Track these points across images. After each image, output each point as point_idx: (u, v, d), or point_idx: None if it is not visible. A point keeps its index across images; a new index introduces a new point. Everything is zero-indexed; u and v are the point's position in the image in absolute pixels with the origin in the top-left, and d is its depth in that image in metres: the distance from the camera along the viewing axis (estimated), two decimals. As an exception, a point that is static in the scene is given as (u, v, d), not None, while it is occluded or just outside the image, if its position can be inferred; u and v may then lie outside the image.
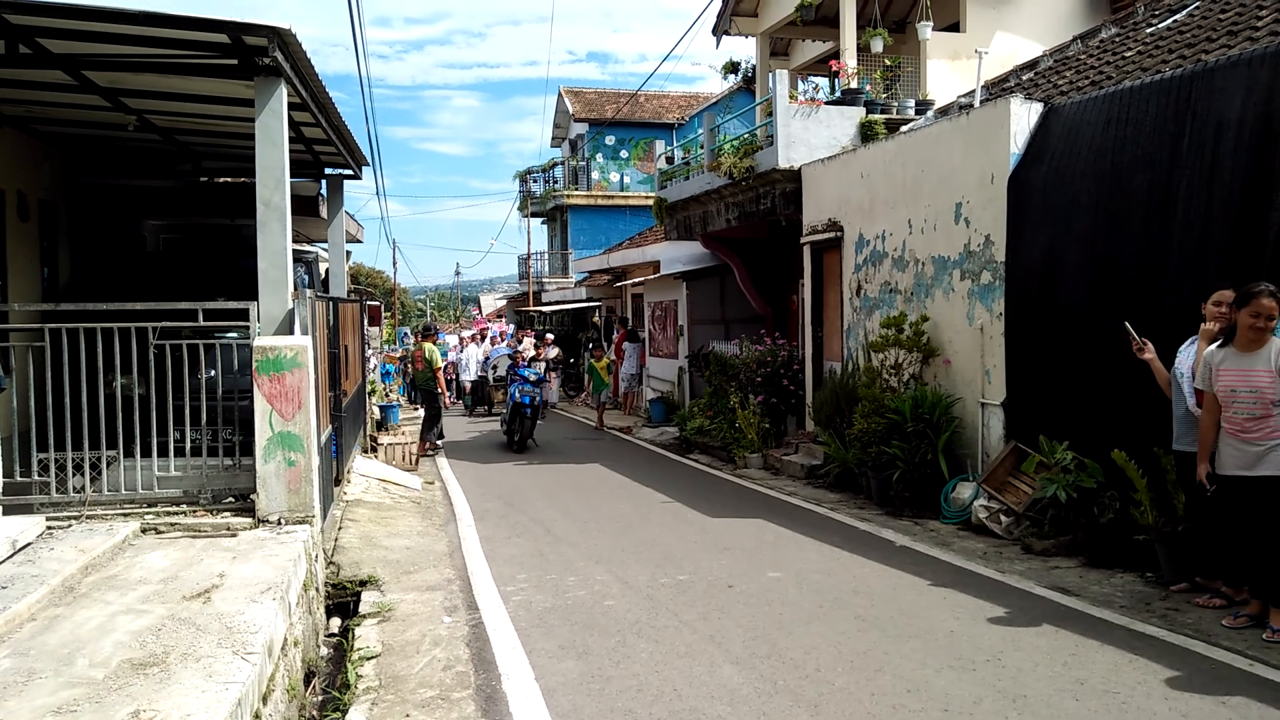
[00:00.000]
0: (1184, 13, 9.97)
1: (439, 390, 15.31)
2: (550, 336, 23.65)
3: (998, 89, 11.77)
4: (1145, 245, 7.18)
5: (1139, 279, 7.19)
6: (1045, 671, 4.98)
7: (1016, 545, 7.68)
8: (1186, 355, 6.10)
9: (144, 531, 5.92)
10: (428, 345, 15.55)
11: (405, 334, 31.53)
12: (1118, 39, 10.77)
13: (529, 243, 37.31)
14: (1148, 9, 11.20)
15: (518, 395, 14.60)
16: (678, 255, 18.65)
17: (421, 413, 20.05)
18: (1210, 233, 6.66)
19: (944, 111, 12.37)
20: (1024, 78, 11.74)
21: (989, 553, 7.55)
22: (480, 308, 45.64)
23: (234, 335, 6.53)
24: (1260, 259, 6.15)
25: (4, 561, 4.85)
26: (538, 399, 14.74)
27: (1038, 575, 6.85)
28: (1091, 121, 7.96)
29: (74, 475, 6.11)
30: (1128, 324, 6.47)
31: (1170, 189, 7.01)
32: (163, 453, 6.22)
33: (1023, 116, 8.56)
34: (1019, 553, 7.51)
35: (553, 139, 38.24)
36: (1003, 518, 8.02)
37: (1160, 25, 10.11)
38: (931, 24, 13.40)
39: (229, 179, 11.75)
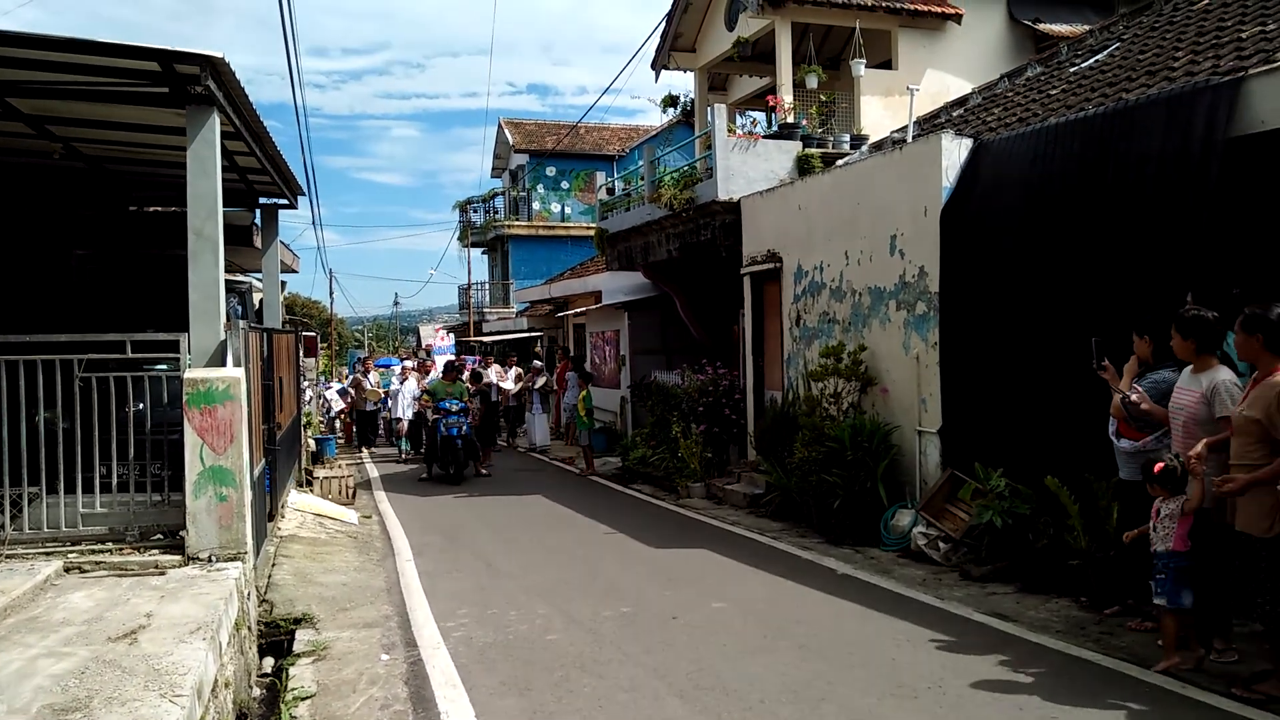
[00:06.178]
0: (1105, 53, 10.36)
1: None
2: (539, 364, 20.68)
3: (929, 125, 12.08)
4: (1072, 276, 7.37)
5: (1066, 309, 7.38)
6: (985, 698, 5.03)
7: (955, 572, 7.78)
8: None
9: (67, 571, 5.71)
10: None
11: (356, 357, 30.75)
12: (1043, 78, 11.14)
13: (469, 273, 37.16)
14: (1071, 49, 11.61)
15: (443, 429, 14.34)
16: (619, 285, 18.70)
17: (362, 451, 19.60)
18: (1134, 264, 6.87)
19: (878, 146, 12.64)
20: (954, 114, 12.06)
21: (928, 579, 7.64)
22: (420, 338, 45.16)
23: (164, 367, 6.37)
24: (1183, 290, 6.35)
25: (-85, 606, 4.63)
26: (464, 428, 14.45)
27: (976, 601, 6.94)
28: (1019, 157, 8.19)
29: (-7, 513, 5.88)
30: (1095, 340, 6.59)
31: (1095, 222, 7.23)
32: (88, 489, 6.03)
33: (954, 151, 8.78)
34: (957, 579, 7.60)
35: (493, 169, 38.19)
36: (941, 544, 8.12)
37: (1083, 65, 10.48)
38: (864, 61, 13.71)
39: (159, 208, 11.51)
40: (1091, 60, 10.43)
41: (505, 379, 19.57)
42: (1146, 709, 4.82)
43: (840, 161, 12.35)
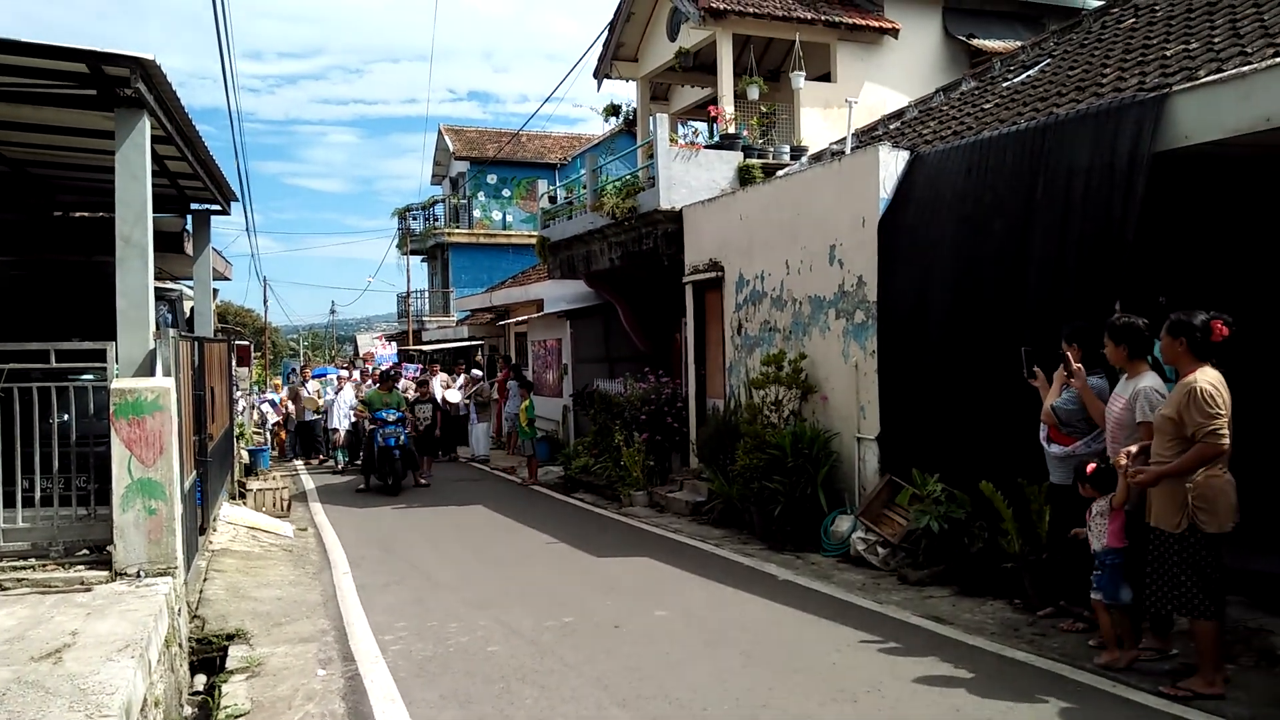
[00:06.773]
0: (1036, 69, 10.63)
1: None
2: (478, 373, 20.12)
3: (867, 137, 12.26)
4: (1005, 286, 7.54)
5: (999, 318, 7.54)
6: (923, 700, 5.10)
7: (893, 576, 7.88)
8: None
9: (-14, 589, 5.50)
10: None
11: (291, 368, 29.78)
12: (977, 92, 11.39)
13: (409, 281, 36.73)
14: (1003, 65, 11.89)
15: (380, 439, 14.12)
16: (561, 294, 18.65)
17: (297, 463, 19.09)
18: (1064, 274, 7.05)
19: (818, 158, 12.79)
20: (891, 127, 12.27)
21: (867, 584, 7.72)
22: (357, 347, 44.45)
23: (90, 377, 6.18)
24: (1111, 299, 6.53)
25: None
26: (402, 438, 14.24)
27: (913, 605, 7.04)
28: (954, 169, 8.36)
29: (-95, 530, 5.64)
30: (1025, 349, 6.76)
31: (1026, 233, 7.40)
32: (9, 503, 5.82)
33: (891, 163, 8.92)
34: (895, 583, 7.70)
35: (433, 177, 37.81)
36: (879, 549, 8.23)
37: (1015, 80, 10.74)
38: (804, 74, 13.89)
39: (86, 214, 11.18)
40: (1023, 75, 10.69)
41: (451, 388, 19.30)
42: (1077, 707, 4.93)
43: (781, 172, 12.48)
